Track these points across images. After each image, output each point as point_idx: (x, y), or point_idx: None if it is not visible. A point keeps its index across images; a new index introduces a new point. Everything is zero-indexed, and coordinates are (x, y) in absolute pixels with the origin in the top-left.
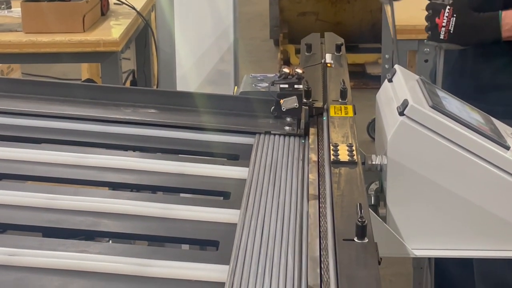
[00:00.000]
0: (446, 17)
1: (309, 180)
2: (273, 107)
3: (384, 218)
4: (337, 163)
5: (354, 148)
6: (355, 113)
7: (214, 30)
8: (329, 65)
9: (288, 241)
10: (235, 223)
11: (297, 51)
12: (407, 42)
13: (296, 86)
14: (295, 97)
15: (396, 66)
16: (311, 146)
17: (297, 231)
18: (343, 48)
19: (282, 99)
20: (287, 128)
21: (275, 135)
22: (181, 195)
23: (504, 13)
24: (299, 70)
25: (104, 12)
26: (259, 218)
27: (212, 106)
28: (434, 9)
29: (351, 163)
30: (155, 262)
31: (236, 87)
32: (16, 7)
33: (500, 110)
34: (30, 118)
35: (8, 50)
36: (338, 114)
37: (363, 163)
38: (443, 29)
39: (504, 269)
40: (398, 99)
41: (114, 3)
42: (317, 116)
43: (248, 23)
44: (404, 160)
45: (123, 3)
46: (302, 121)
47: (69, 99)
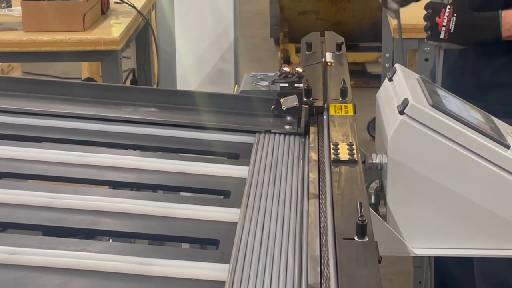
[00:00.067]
0: (447, 17)
1: (309, 179)
2: (273, 106)
3: (384, 217)
4: (338, 162)
5: (355, 147)
6: (355, 112)
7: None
8: (330, 64)
9: (289, 240)
10: (235, 222)
11: (298, 50)
12: (408, 41)
13: (297, 85)
14: (296, 96)
15: (396, 65)
16: (311, 145)
17: (297, 230)
18: (344, 47)
19: (283, 98)
20: (287, 127)
21: (275, 134)
22: (182, 194)
23: (504, 13)
24: (300, 69)
25: (105, 11)
26: (259, 217)
27: (212, 105)
28: (434, 9)
29: (351, 162)
30: (155, 261)
31: (237, 86)
32: (17, 6)
33: (500, 109)
34: (30, 117)
35: (8, 49)
36: (339, 113)
37: (363, 162)
38: (444, 29)
39: (504, 268)
40: (399, 98)
41: (115, 2)
42: (317, 115)
43: (249, 22)
44: (404, 159)
45: (124, 2)
46: (303, 120)
47: (69, 98)
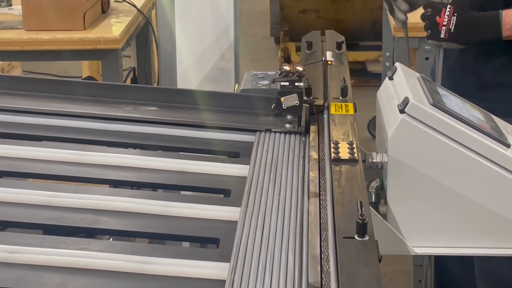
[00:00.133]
0: (447, 16)
1: (310, 178)
2: (274, 105)
3: (385, 216)
4: (338, 161)
5: (355, 146)
6: (356, 111)
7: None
8: (330, 63)
9: (289, 239)
10: (236, 221)
11: (298, 49)
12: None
13: (297, 84)
14: (296, 95)
15: (397, 64)
16: (312, 144)
17: (298, 229)
18: (344, 46)
19: (283, 97)
20: (288, 126)
21: (276, 133)
22: (182, 193)
23: (505, 12)
24: (300, 68)
25: (105, 10)
26: (260, 216)
27: (213, 104)
28: (434, 8)
29: (352, 161)
30: (156, 260)
31: (237, 85)
32: (17, 5)
33: (501, 109)
34: (31, 116)
35: (9, 48)
36: (339, 112)
37: (364, 161)
38: (444, 28)
39: (505, 267)
40: (399, 97)
41: (115, 1)
42: (318, 114)
43: (249, 21)
44: (405, 158)
45: (124, 1)
46: (303, 119)
47: (70, 97)
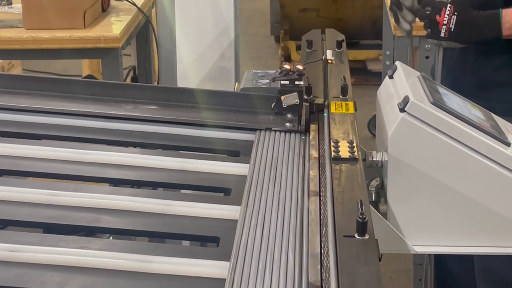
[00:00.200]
0: (447, 15)
1: (310, 177)
2: (274, 104)
3: (385, 215)
4: (338, 160)
5: (355, 145)
6: (356, 110)
7: (215, 27)
8: (330, 62)
9: (289, 238)
10: (236, 220)
11: (298, 48)
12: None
13: (297, 83)
14: (296, 94)
15: (397, 63)
16: (312, 143)
17: (298, 228)
18: (344, 45)
19: (283, 96)
20: (288, 125)
21: (276, 132)
22: (182, 192)
23: (505, 11)
24: (300, 67)
25: (105, 8)
26: (260, 215)
27: (213, 103)
28: (434, 7)
29: (352, 160)
30: (156, 258)
31: (237, 84)
32: (17, 3)
33: (501, 108)
34: (31, 114)
35: (9, 46)
36: (339, 111)
37: (364, 160)
38: (444, 27)
39: (505, 266)
40: (399, 96)
41: None
42: (318, 113)
43: (249, 20)
44: (405, 157)
45: None
46: (303, 118)
47: (70, 95)
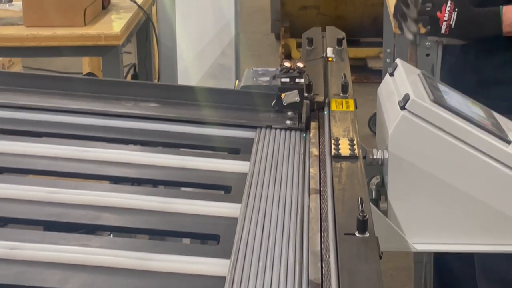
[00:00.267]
0: (448, 11)
1: (310, 174)
2: (274, 101)
3: (385, 212)
4: (338, 157)
5: (355, 142)
6: (356, 107)
7: (216, 24)
8: (330, 59)
9: (289, 235)
10: (236, 217)
11: (299, 45)
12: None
13: (297, 80)
14: (296, 91)
15: (398, 60)
16: (312, 140)
17: (298, 225)
18: (345, 42)
19: (283, 93)
20: (288, 122)
21: (276, 129)
22: (182, 189)
23: (505, 8)
24: (300, 64)
25: (105, 6)
26: (260, 212)
27: (213, 100)
28: (435, 3)
29: (352, 157)
30: (156, 256)
31: (237, 81)
32: (17, 1)
33: (502, 105)
34: (31, 112)
35: (9, 44)
36: (339, 108)
37: (364, 157)
38: (445, 24)
39: (505, 264)
40: (400, 93)
41: None
42: (318, 110)
43: (250, 17)
44: (405, 154)
45: None
46: (303, 115)
47: (70, 93)
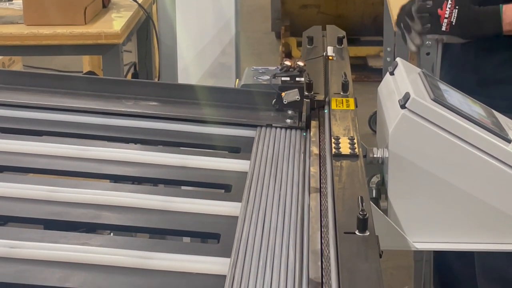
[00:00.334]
0: (449, 9)
1: (311, 173)
2: (275, 100)
3: (386, 211)
4: (339, 156)
5: (356, 141)
6: (357, 106)
7: (216, 23)
8: (331, 58)
9: (289, 234)
10: (236, 216)
11: (299, 44)
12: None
13: (298, 79)
14: (297, 90)
15: (398, 59)
16: (313, 139)
17: (298, 224)
18: (345, 41)
19: (284, 92)
20: (289, 121)
21: (277, 128)
22: (182, 188)
23: (505, 7)
24: (301, 63)
25: (106, 5)
26: (260, 211)
27: (214, 99)
28: (435, 0)
29: (353, 156)
30: (156, 255)
31: (238, 80)
32: None
33: (503, 104)
34: (31, 111)
35: (10, 43)
36: (340, 107)
37: (365, 156)
38: (446, 21)
39: (505, 263)
40: (400, 92)
41: None
42: (319, 109)
43: (250, 16)
44: (406, 153)
45: None
46: (304, 114)
47: (71, 92)
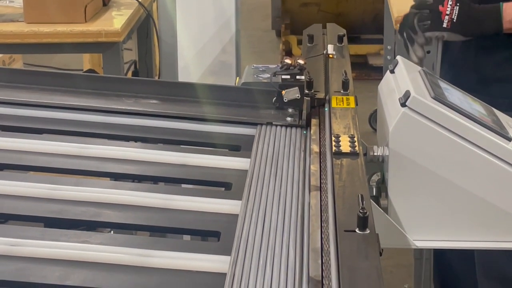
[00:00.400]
0: (450, 5)
1: (311, 171)
2: (275, 98)
3: (386, 209)
4: (339, 154)
5: (356, 139)
6: (357, 104)
7: (216, 21)
8: (331, 56)
9: (290, 232)
10: (237, 214)
11: (299, 42)
12: None
13: (298, 77)
14: (297, 88)
15: (398, 57)
16: (313, 137)
17: (299, 222)
18: (345, 39)
19: (284, 90)
20: (289, 119)
21: (277, 126)
22: (183, 186)
23: (505, 5)
24: (301, 61)
25: (106, 3)
26: (261, 209)
27: (214, 97)
28: None
29: (353, 154)
30: (157, 253)
31: (238, 78)
32: None
33: (503, 103)
34: (32, 109)
35: (10, 40)
36: (340, 105)
37: (365, 154)
38: (447, 18)
39: (505, 261)
40: (400, 90)
41: None
42: (319, 107)
43: (250, 14)
44: (406, 151)
45: None
46: (304, 112)
47: (71, 90)
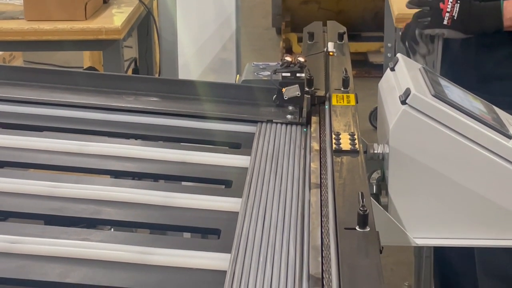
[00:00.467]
0: (451, 3)
1: (311, 169)
2: (275, 96)
3: (386, 207)
4: (339, 152)
5: (356, 137)
6: (357, 102)
7: (216, 18)
8: (331, 54)
9: (290, 230)
10: (237, 212)
11: (300, 40)
12: None
13: (298, 75)
14: (297, 86)
15: (399, 55)
16: (313, 135)
17: (299, 220)
18: (346, 37)
19: (284, 88)
20: (289, 117)
21: (277, 124)
22: (183, 184)
23: (506, 3)
24: (301, 59)
25: (106, 0)
26: (261, 207)
27: (214, 95)
28: None
29: (353, 152)
30: (157, 250)
31: (238, 76)
32: None
33: (504, 101)
34: (32, 106)
35: (10, 38)
36: (340, 103)
37: (365, 152)
38: (447, 15)
39: (506, 259)
40: (400, 88)
41: None
42: (319, 105)
43: (251, 11)
44: (406, 149)
45: None
46: (304, 110)
47: (71, 87)
